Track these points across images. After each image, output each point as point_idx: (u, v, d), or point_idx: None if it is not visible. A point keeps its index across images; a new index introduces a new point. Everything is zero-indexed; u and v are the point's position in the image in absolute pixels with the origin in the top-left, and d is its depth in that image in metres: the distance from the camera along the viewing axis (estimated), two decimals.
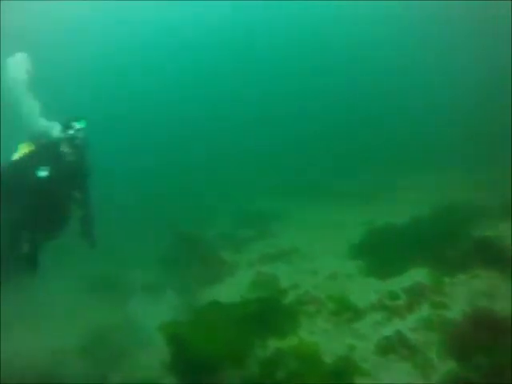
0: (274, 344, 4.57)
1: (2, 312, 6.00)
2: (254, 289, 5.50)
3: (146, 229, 8.05)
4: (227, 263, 6.47)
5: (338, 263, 5.84)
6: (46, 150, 5.96)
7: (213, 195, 9.84)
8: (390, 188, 8.67)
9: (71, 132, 6.09)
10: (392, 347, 4.28)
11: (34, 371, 4.91)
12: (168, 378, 4.57)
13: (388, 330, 4.43)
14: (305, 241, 6.76)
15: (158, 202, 9.56)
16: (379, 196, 8.35)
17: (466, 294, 4.70)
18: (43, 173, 5.78)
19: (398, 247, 5.76)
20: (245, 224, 8.20)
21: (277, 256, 6.40)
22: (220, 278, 6.09)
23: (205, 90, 17.70)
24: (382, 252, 5.78)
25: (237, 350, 4.53)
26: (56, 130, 6.13)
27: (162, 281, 6.57)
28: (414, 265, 5.34)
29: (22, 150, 6.05)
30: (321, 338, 4.52)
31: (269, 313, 4.94)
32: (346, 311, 4.84)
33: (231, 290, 5.63)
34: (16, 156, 6.06)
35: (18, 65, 6.17)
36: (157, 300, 6.06)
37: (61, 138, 6.08)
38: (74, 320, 5.84)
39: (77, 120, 6.21)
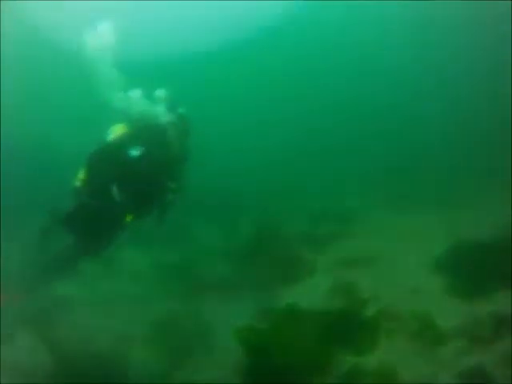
0: (352, 359, 4.55)
1: (69, 294, 6.17)
2: (332, 295, 5.45)
3: (226, 221, 7.99)
4: (305, 263, 6.40)
5: (420, 277, 5.67)
6: (144, 132, 5.98)
7: (294, 192, 9.65)
8: (471, 194, 8.22)
9: (174, 116, 6.04)
10: (474, 380, 4.15)
11: (95, 356, 4.91)
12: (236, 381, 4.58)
13: (471, 361, 4.29)
14: (386, 247, 6.57)
15: (240, 196, 9.52)
16: (461, 202, 7.88)
17: None
18: (135, 152, 5.84)
19: (487, 265, 5.48)
20: (325, 223, 8.04)
21: (357, 261, 6.28)
22: (297, 279, 6.05)
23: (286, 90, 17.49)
24: (468, 269, 5.53)
25: (314, 362, 4.55)
26: (156, 111, 6.09)
27: (236, 276, 6.50)
28: (504, 288, 5.09)
29: (116, 131, 6.11)
30: (400, 359, 4.43)
31: (348, 325, 4.90)
32: (428, 333, 4.72)
33: (309, 294, 5.60)
34: (109, 137, 6.13)
35: (101, 36, 6.13)
36: (230, 296, 6.00)
37: (162, 120, 6.04)
38: (140, 308, 5.82)
39: (178, 104, 6.15)
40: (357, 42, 17.68)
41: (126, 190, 5.79)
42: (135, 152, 5.83)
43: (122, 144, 5.90)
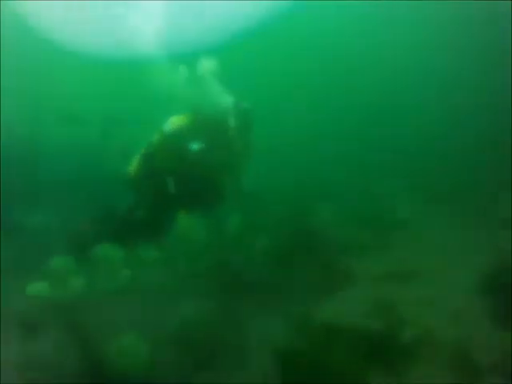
0: None
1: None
2: (369, 313, 5.27)
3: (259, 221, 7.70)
4: (342, 274, 6.18)
5: (463, 299, 5.41)
6: (204, 125, 5.78)
7: (331, 194, 9.30)
8: None
9: (239, 109, 5.78)
10: None
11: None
12: None
13: None
14: (428, 262, 6.31)
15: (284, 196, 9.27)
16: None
17: None
18: (195, 146, 5.67)
19: None
20: (366, 230, 7.72)
21: (397, 276, 6.03)
22: (333, 290, 5.85)
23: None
24: None
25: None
26: (220, 101, 5.84)
27: (270, 280, 6.26)
28: None
29: (176, 122, 5.93)
30: None
31: (384, 347, 4.75)
32: (466, 366, 4.53)
33: (345, 309, 5.45)
34: (168, 127, 5.94)
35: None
36: (262, 300, 5.78)
37: (226, 113, 5.78)
38: (167, 308, 5.61)
39: (243, 96, 5.90)
40: (356, 41, 17.50)
41: (181, 184, 5.68)
42: (195, 146, 5.66)
43: (182, 136, 5.72)
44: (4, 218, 7.72)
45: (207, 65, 6.08)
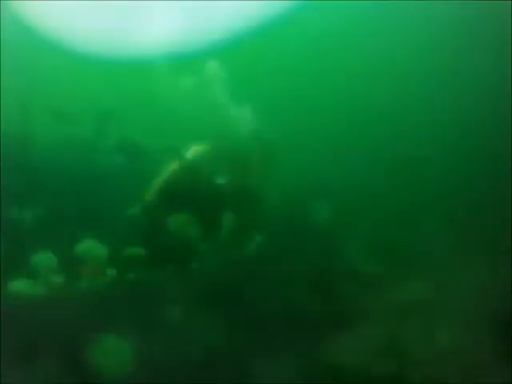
0: None
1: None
2: (380, 354, 5.21)
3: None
4: (352, 309, 6.09)
5: (473, 338, 5.39)
6: (225, 157, 5.65)
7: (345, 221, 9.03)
8: None
9: (257, 143, 5.63)
10: None
11: None
12: None
13: None
14: (440, 296, 6.25)
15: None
16: None
17: None
18: (221, 180, 5.53)
19: None
20: (378, 260, 7.43)
21: (408, 311, 5.95)
22: (342, 327, 5.75)
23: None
24: None
25: None
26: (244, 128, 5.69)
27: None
28: None
29: (197, 150, 5.78)
30: None
31: None
32: None
33: (354, 349, 5.37)
34: (189, 155, 5.78)
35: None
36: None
37: (247, 144, 5.66)
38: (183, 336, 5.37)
39: (262, 131, 5.73)
40: (358, 42, 17.28)
41: (199, 211, 5.56)
42: (220, 180, 5.55)
43: (203, 165, 5.59)
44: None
45: (210, 67, 6.02)
